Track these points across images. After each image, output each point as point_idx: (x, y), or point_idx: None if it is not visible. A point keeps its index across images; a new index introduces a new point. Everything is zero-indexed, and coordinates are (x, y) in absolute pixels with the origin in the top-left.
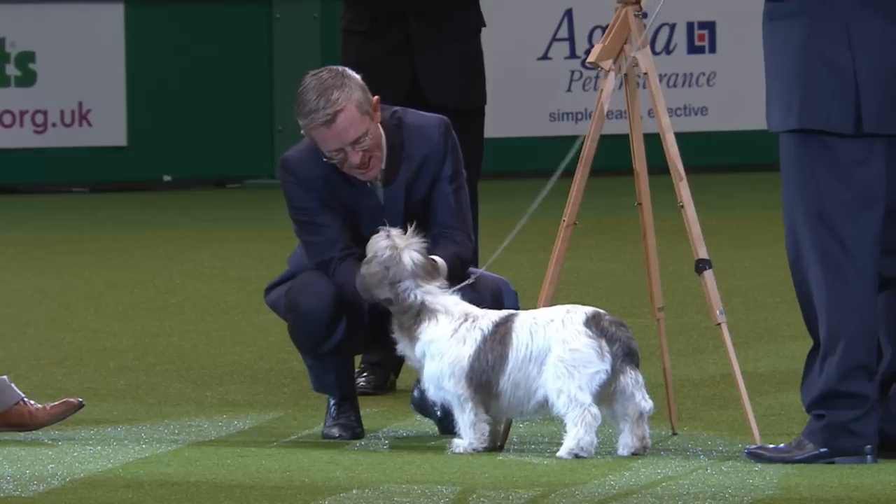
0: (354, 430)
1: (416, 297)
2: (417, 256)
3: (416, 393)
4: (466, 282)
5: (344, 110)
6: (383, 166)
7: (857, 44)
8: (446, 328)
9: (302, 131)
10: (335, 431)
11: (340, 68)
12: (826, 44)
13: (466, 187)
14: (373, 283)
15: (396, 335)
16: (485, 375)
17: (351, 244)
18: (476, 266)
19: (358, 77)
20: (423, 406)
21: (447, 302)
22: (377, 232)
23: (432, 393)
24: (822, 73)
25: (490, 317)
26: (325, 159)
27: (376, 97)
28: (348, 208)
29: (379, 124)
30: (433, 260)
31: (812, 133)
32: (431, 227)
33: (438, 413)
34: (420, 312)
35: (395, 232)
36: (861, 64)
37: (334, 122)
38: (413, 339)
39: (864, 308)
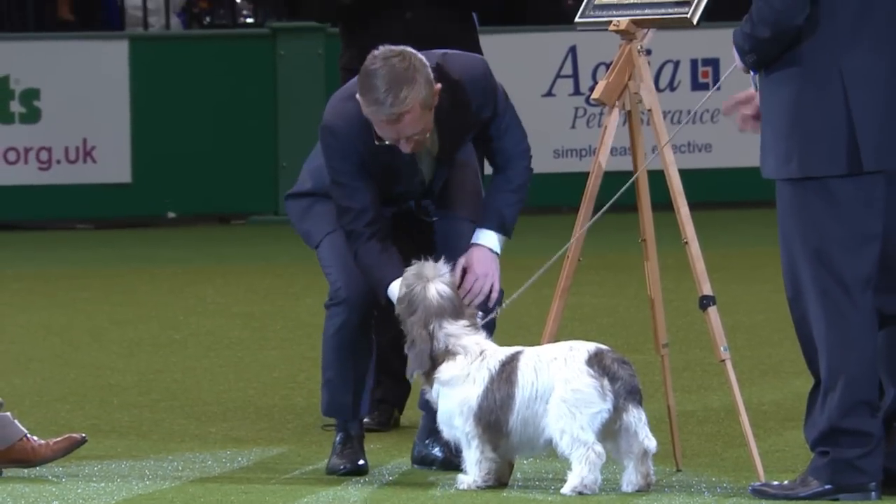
0: (359, 466)
1: (439, 341)
2: (445, 289)
3: (415, 451)
4: (490, 316)
5: (410, 111)
6: (432, 147)
7: (851, 82)
8: (461, 370)
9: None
10: (340, 467)
11: (410, 53)
12: (820, 87)
13: (512, 105)
14: (403, 316)
15: (419, 377)
16: (493, 415)
17: (379, 217)
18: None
19: (426, 64)
20: (424, 462)
21: (468, 342)
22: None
23: (445, 432)
24: (817, 118)
25: (497, 355)
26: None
27: (438, 85)
28: (388, 168)
29: (433, 110)
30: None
31: (811, 178)
32: (498, 155)
33: (440, 456)
34: (442, 356)
35: (425, 264)
36: (856, 102)
37: (399, 123)
38: (432, 380)
39: (864, 344)
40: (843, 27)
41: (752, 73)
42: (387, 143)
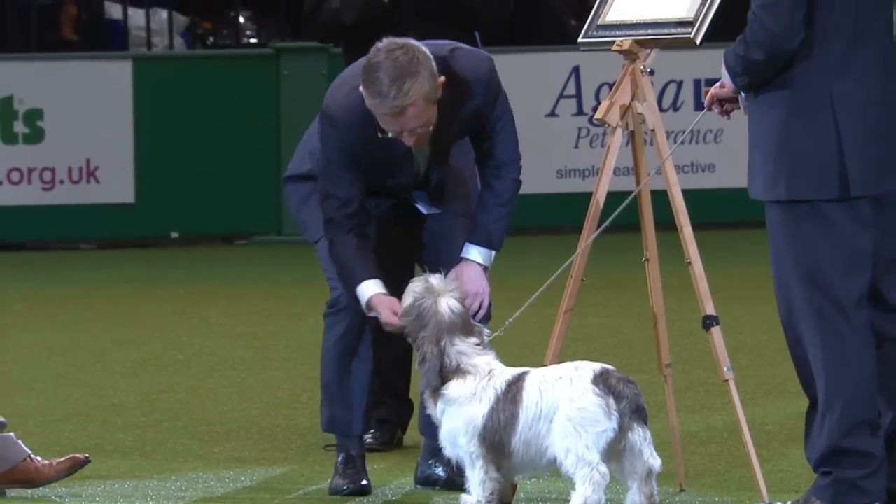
0: (362, 486)
1: (450, 358)
2: (456, 304)
3: (418, 471)
4: (496, 333)
5: (414, 104)
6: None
7: (840, 108)
8: (469, 389)
9: (364, 99)
10: (343, 487)
11: (413, 45)
12: (810, 111)
13: (511, 112)
14: (412, 331)
15: (424, 394)
16: (497, 435)
17: (361, 211)
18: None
19: (430, 57)
20: (427, 482)
21: (479, 362)
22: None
23: (448, 450)
24: (806, 142)
25: (504, 375)
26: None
27: (442, 78)
28: (385, 161)
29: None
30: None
31: (800, 200)
32: (489, 159)
33: (444, 476)
34: (452, 374)
35: (434, 278)
36: (845, 128)
37: (402, 116)
38: (437, 397)
39: (861, 362)
40: (836, 53)
41: (741, 94)
42: (390, 135)
